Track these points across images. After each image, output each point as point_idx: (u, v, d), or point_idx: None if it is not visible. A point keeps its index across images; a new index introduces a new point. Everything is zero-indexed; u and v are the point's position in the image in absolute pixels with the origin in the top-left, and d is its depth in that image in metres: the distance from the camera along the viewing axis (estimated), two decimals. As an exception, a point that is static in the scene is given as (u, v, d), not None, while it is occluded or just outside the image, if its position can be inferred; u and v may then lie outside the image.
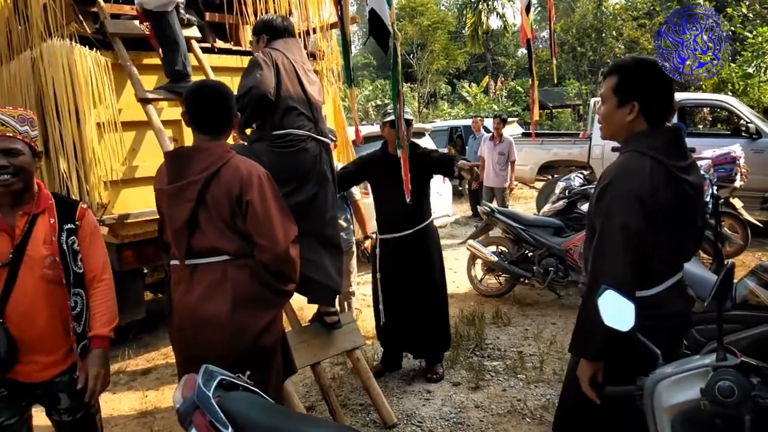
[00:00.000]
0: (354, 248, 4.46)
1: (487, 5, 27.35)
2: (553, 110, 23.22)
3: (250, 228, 2.16)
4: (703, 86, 14.34)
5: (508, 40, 31.38)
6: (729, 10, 16.29)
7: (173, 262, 2.31)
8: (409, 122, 3.33)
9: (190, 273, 2.22)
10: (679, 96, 8.38)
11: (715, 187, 4.75)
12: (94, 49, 3.54)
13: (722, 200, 4.89)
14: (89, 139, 3.51)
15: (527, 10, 3.57)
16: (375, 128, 9.86)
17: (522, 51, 34.95)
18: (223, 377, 1.62)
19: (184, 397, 1.49)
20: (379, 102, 27.92)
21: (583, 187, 5.31)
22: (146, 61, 3.79)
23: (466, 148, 9.53)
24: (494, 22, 28.05)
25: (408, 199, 2.81)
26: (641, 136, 1.71)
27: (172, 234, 2.25)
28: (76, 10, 3.54)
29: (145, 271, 4.66)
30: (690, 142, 6.78)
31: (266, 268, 2.21)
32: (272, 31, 2.96)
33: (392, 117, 3.23)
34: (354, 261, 4.58)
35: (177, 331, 2.31)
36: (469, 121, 12.49)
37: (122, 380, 4.03)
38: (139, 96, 3.43)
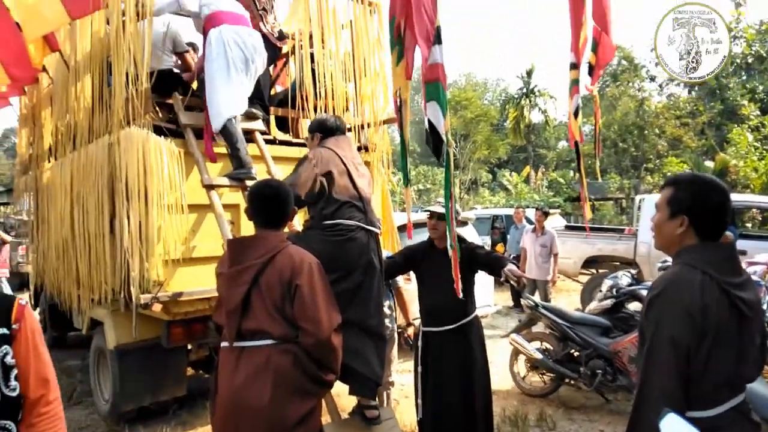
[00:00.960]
0: (396, 335, 4.43)
1: (530, 101, 28.22)
2: (595, 203, 23.18)
3: (296, 311, 2.25)
4: (751, 185, 14.17)
5: (549, 133, 32.01)
6: (774, 111, 16.38)
7: (223, 344, 2.40)
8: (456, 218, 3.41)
9: (237, 356, 2.30)
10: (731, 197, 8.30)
11: (771, 294, 4.58)
12: (167, 136, 3.85)
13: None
14: (154, 220, 3.72)
15: (575, 114, 3.69)
16: (420, 215, 10.06)
17: (562, 144, 35.54)
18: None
19: None
20: (421, 186, 28.52)
21: (631, 287, 5.19)
22: (214, 149, 4.05)
23: (507, 237, 9.53)
24: (536, 116, 28.82)
25: (460, 296, 2.84)
26: (693, 250, 1.71)
27: (226, 315, 2.37)
28: (154, 102, 3.87)
29: (189, 347, 4.74)
30: (740, 244, 6.63)
31: (309, 354, 2.27)
32: (325, 130, 3.20)
33: (441, 211, 3.32)
34: (395, 349, 4.54)
35: (218, 413, 2.35)
36: (509, 210, 12.59)
37: (158, 460, 4.00)
38: (205, 183, 3.65)
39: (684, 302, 1.60)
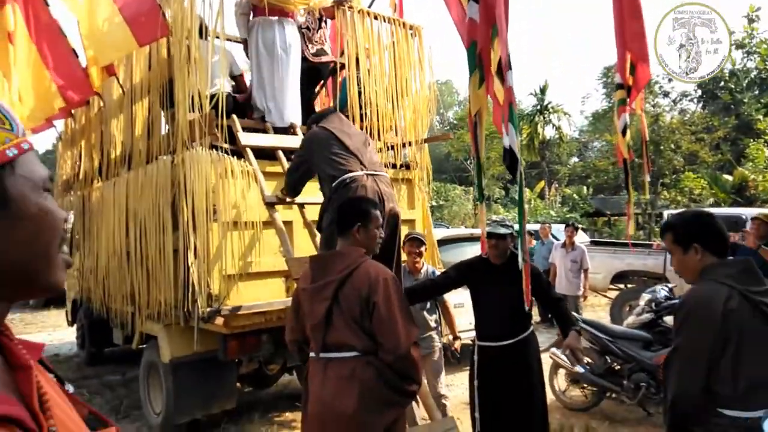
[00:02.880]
0: (441, 349, 4.51)
1: (543, 117, 28.39)
2: (611, 218, 23.16)
3: (375, 328, 2.34)
4: (771, 200, 14.18)
5: (563, 149, 32.10)
6: (791, 126, 16.40)
7: (311, 355, 2.52)
8: (506, 236, 3.51)
9: (324, 367, 2.41)
10: (755, 211, 8.34)
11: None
12: (225, 156, 4.02)
13: None
14: (217, 237, 3.87)
15: (623, 132, 3.80)
16: (449, 231, 10.16)
17: (574, 159, 35.61)
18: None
19: None
20: (434, 203, 28.60)
21: (670, 301, 5.27)
22: (269, 168, 4.21)
23: (534, 252, 9.60)
24: (549, 132, 28.91)
25: (527, 307, 2.93)
26: (713, 268, 1.95)
27: (311, 329, 2.48)
28: (216, 124, 4.05)
29: (240, 361, 4.85)
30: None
31: (389, 367, 2.35)
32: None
33: (503, 231, 3.42)
34: (442, 361, 4.61)
35: (309, 419, 2.47)
36: (529, 226, 12.65)
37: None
38: (267, 200, 3.80)
39: (706, 311, 1.84)
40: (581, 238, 11.27)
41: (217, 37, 4.09)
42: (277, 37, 4.47)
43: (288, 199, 3.92)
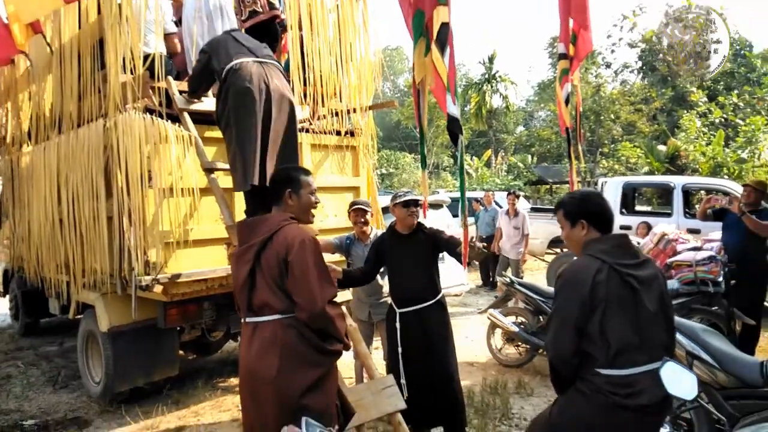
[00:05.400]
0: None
1: (491, 86, 28.67)
2: (553, 186, 23.91)
3: (290, 286, 2.40)
4: (699, 169, 14.97)
5: (509, 118, 32.66)
6: (721, 98, 17.25)
7: (241, 319, 2.57)
8: (418, 202, 3.62)
9: (252, 331, 2.48)
10: (683, 179, 8.82)
11: (726, 268, 4.99)
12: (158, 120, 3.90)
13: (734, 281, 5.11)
14: (153, 203, 3.79)
15: (566, 102, 3.94)
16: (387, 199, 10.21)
17: (520, 129, 36.33)
18: (321, 430, 1.82)
19: None
20: (384, 171, 28.67)
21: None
22: (207, 134, 4.13)
23: (477, 219, 9.86)
24: (497, 101, 29.27)
25: (465, 266, 3.07)
26: (593, 242, 2.18)
27: (238, 292, 2.56)
28: (151, 87, 3.92)
29: (181, 329, 4.82)
30: (692, 223, 7.08)
31: (308, 326, 2.41)
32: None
33: (405, 198, 3.56)
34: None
35: (240, 385, 2.54)
36: (474, 193, 12.94)
37: (158, 437, 4.11)
38: (205, 166, 3.74)
39: (575, 285, 2.07)
40: (523, 205, 11.64)
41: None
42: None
43: (226, 167, 3.88)
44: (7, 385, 5.49)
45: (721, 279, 4.93)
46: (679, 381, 1.75)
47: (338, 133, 5.02)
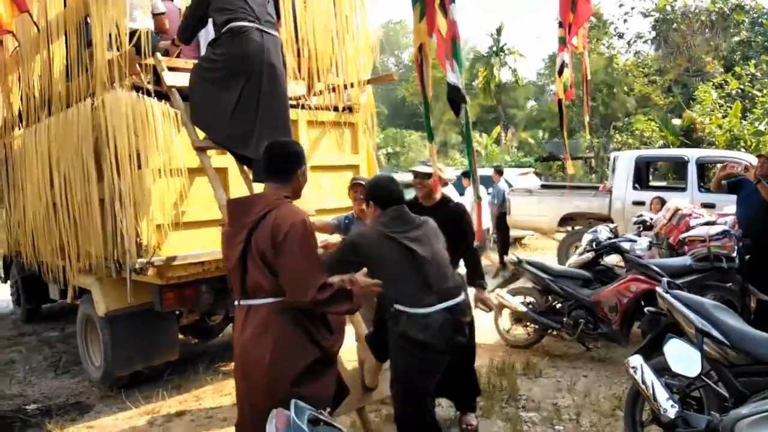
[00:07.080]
0: None
1: (500, 59, 28.10)
2: (564, 161, 23.59)
3: (278, 270, 2.28)
4: (716, 142, 14.60)
5: (519, 92, 32.06)
6: (737, 69, 16.75)
7: (236, 302, 2.45)
8: (430, 175, 3.50)
9: (245, 314, 2.37)
10: (698, 153, 8.56)
11: (741, 243, 4.81)
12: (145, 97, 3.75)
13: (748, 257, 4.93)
14: (145, 184, 3.67)
15: (560, 71, 3.74)
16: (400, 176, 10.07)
17: (531, 103, 35.71)
18: (311, 412, 1.72)
19: (279, 430, 1.58)
20: (390, 150, 28.43)
21: (610, 240, 5.38)
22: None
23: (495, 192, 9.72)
24: (505, 75, 28.74)
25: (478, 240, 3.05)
26: (378, 218, 2.84)
27: (230, 274, 2.44)
28: (139, 64, 3.76)
29: (180, 312, 4.74)
30: (710, 198, 6.85)
31: (301, 310, 2.32)
32: None
33: (412, 169, 3.63)
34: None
35: (235, 368, 2.46)
36: (483, 171, 12.74)
37: (158, 422, 4.05)
38: (196, 144, 3.59)
39: (352, 247, 2.81)
40: (533, 182, 11.43)
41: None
42: None
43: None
44: (9, 370, 5.49)
45: (735, 254, 4.73)
46: (683, 358, 1.62)
47: (336, 108, 4.85)
